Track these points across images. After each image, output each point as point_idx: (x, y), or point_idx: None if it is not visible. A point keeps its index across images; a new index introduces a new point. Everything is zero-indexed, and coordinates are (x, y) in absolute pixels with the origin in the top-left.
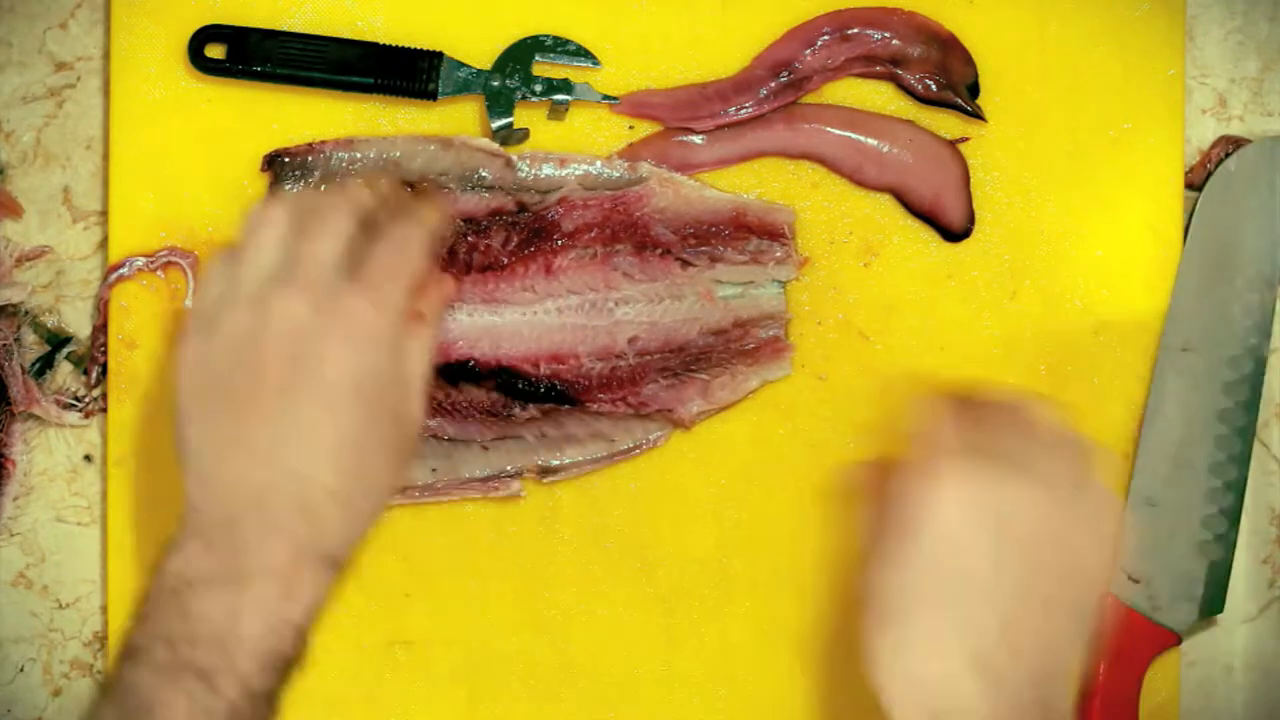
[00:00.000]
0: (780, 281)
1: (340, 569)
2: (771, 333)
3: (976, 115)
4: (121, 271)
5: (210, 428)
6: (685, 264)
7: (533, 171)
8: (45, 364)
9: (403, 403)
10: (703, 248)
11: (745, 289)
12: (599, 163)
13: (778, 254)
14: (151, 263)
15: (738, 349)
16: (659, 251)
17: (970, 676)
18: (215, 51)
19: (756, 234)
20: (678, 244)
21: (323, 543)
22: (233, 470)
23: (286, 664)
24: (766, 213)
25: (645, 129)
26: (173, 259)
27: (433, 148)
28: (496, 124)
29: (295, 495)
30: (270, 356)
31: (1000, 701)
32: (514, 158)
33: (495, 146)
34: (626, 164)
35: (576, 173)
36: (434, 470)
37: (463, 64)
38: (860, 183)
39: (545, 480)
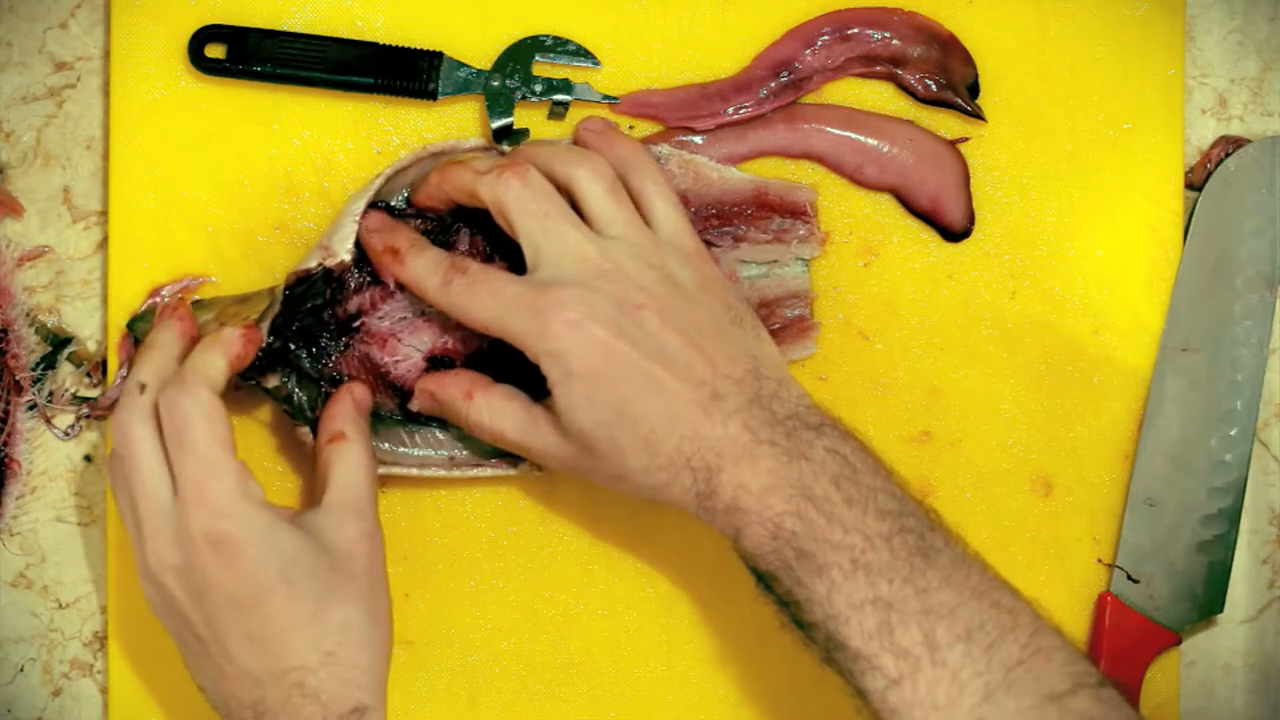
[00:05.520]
0: (804, 260)
1: (373, 710)
2: (797, 312)
3: (976, 115)
4: (154, 303)
5: (192, 660)
6: (709, 245)
7: None
8: (47, 364)
9: (310, 547)
10: (725, 228)
11: (770, 268)
12: None
13: (800, 232)
14: (175, 290)
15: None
16: None
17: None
18: (215, 51)
19: (779, 213)
20: (700, 225)
21: (334, 708)
22: (226, 691)
23: None
24: (788, 191)
25: (645, 129)
26: (192, 284)
27: (426, 159)
28: (496, 124)
29: (282, 689)
30: (181, 608)
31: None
32: (506, 149)
33: (482, 142)
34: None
35: None
36: (451, 458)
37: (463, 64)
38: (860, 183)
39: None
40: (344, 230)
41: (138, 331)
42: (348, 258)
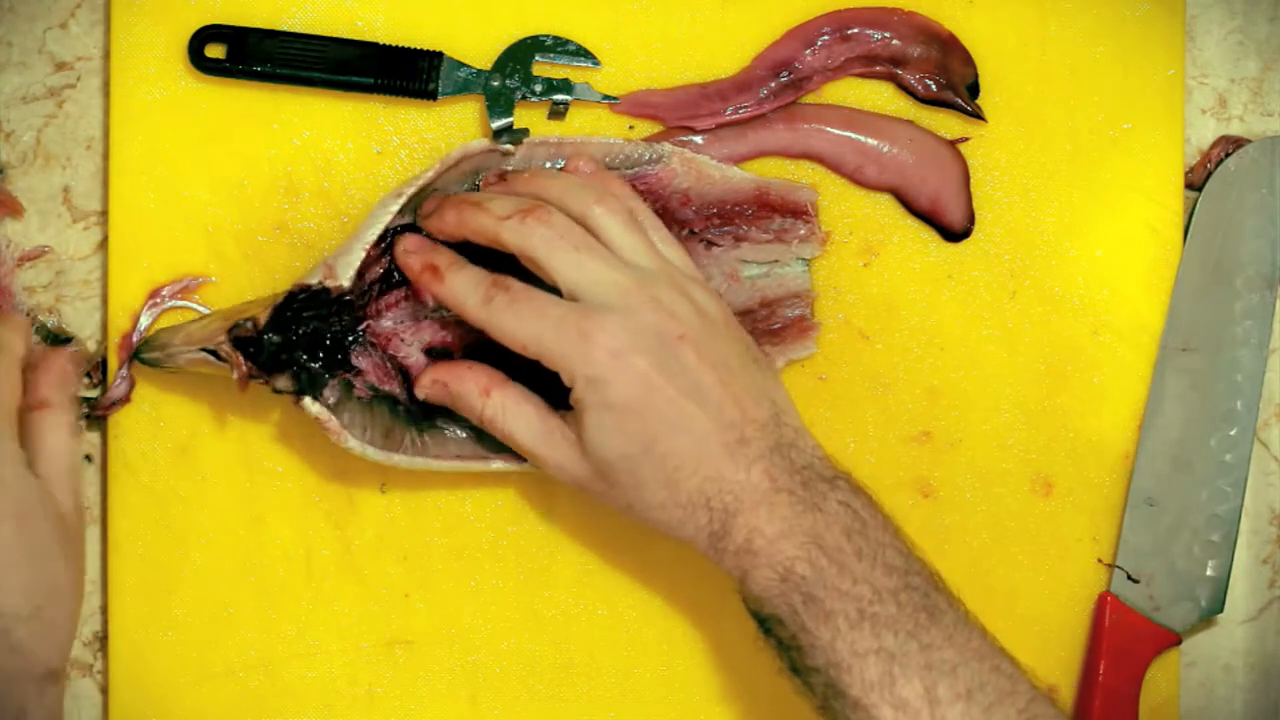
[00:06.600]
0: (805, 260)
1: (63, 678)
2: (797, 312)
3: (976, 115)
4: (155, 304)
5: None
6: (710, 244)
7: (535, 161)
8: None
9: (45, 502)
10: (727, 227)
11: (770, 268)
12: (616, 141)
13: (801, 232)
14: (175, 290)
15: (764, 329)
16: (684, 233)
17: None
18: (215, 51)
19: (780, 213)
20: (702, 224)
21: (34, 664)
22: None
23: None
24: (789, 191)
25: (645, 129)
26: (192, 284)
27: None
28: (496, 124)
29: None
30: None
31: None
32: (509, 148)
33: (487, 144)
34: (646, 144)
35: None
36: (459, 455)
37: (463, 64)
38: (860, 183)
39: None
40: (351, 255)
41: (148, 360)
42: (346, 284)
